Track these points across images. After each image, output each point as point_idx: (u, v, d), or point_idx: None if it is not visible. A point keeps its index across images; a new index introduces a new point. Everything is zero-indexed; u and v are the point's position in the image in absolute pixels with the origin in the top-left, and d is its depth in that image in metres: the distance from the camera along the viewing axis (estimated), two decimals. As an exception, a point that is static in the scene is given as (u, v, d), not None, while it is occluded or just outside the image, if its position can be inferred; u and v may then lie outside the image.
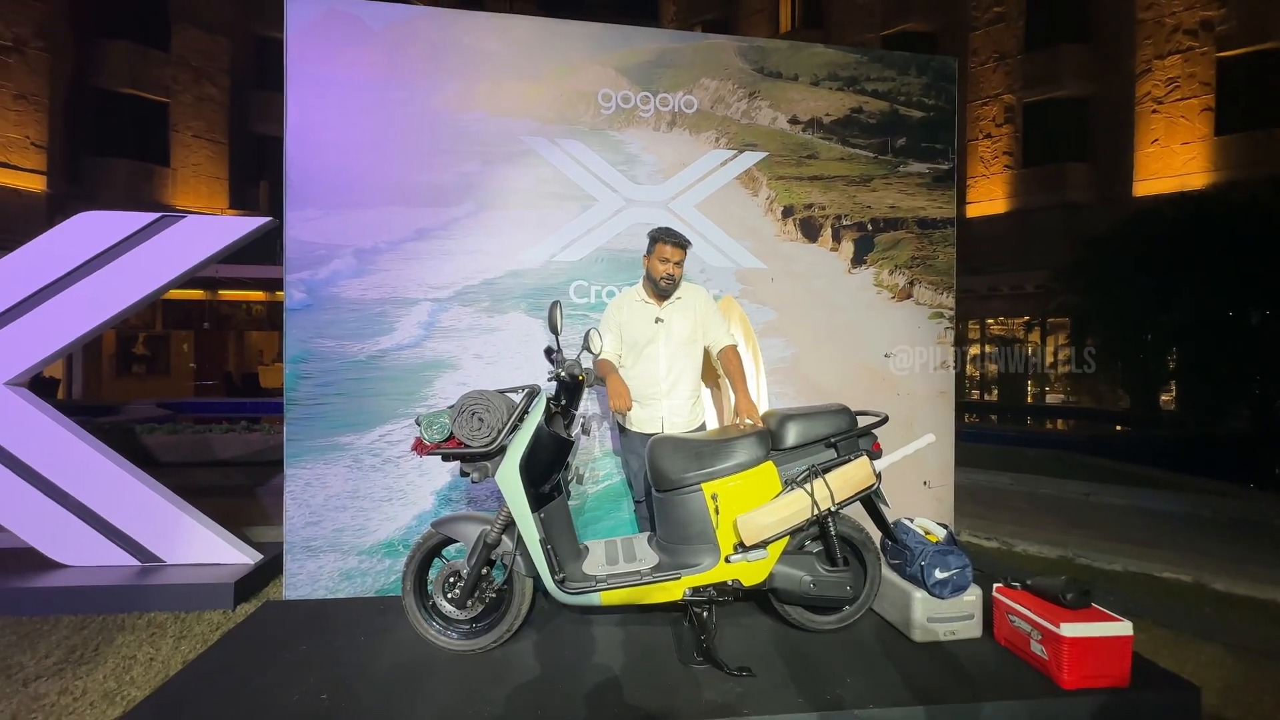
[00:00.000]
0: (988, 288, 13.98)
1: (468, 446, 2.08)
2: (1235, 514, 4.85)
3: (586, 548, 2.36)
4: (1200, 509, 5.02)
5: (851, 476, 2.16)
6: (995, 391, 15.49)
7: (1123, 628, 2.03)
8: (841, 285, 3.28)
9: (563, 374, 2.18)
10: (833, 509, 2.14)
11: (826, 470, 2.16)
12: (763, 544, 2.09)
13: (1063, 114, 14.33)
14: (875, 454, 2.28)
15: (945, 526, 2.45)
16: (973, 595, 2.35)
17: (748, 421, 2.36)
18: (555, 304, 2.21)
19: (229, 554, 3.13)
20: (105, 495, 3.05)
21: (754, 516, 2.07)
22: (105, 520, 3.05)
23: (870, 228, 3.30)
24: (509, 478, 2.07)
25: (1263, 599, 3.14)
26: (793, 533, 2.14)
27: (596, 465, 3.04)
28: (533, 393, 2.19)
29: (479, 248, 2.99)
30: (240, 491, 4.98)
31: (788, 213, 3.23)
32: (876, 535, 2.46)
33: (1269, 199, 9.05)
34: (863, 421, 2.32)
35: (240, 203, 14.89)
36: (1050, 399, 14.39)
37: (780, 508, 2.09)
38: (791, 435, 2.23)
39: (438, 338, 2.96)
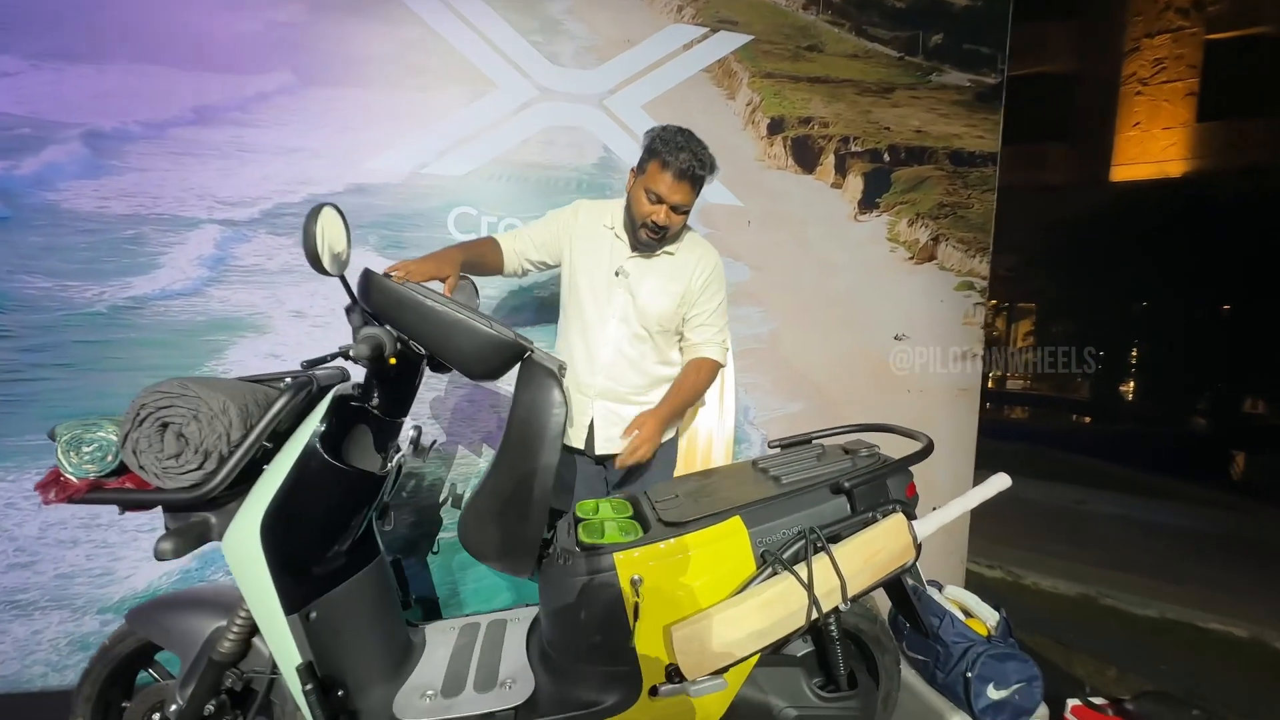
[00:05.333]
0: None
1: (162, 490, 1.07)
2: (1228, 528, 4.32)
3: (423, 636, 1.40)
4: (1197, 521, 4.49)
5: (880, 549, 1.24)
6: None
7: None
8: (845, 237, 2.35)
9: (364, 350, 1.18)
10: (842, 606, 1.22)
11: (834, 539, 1.24)
12: (719, 672, 1.17)
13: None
14: (910, 502, 1.37)
15: (998, 610, 1.59)
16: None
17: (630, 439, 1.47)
18: (317, 210, 1.20)
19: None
20: None
21: (701, 627, 1.13)
22: None
23: (888, 158, 2.36)
24: (244, 550, 1.08)
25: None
26: (775, 648, 1.22)
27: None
28: (305, 384, 1.18)
29: (301, 145, 1.92)
30: None
31: (775, 127, 2.26)
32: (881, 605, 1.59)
33: (1253, 190, 8.74)
34: (891, 446, 1.41)
35: None
36: (1010, 385, 14.12)
37: (752, 611, 1.15)
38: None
39: (232, 282, 1.89)
